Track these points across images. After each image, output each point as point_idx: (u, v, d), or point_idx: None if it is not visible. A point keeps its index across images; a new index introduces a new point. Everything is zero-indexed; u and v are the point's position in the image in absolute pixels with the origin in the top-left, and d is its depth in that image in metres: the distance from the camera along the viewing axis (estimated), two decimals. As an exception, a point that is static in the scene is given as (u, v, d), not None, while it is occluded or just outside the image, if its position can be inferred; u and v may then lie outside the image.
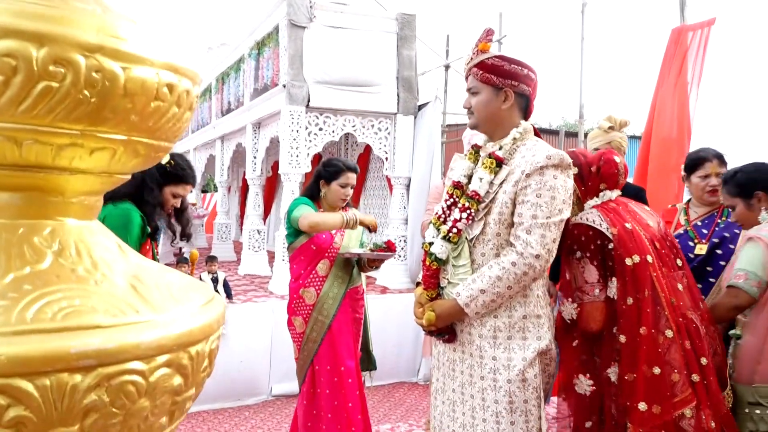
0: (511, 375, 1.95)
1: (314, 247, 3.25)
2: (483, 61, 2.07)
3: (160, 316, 0.75)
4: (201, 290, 0.88)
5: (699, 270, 2.88)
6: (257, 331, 5.04)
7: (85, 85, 0.69)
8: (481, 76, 2.07)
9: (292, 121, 5.77)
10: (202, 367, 0.81)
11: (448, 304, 2.03)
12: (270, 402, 4.98)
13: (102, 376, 0.68)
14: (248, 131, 7.13)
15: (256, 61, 6.79)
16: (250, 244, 7.09)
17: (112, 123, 0.73)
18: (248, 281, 6.51)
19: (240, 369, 4.91)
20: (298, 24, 5.80)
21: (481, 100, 2.08)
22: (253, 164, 7.12)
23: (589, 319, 2.16)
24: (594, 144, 3.79)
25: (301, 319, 3.26)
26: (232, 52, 8.05)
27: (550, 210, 1.93)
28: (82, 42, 0.68)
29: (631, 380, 2.07)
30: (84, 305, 0.70)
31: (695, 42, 4.46)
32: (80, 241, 0.79)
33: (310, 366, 3.26)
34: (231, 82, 7.93)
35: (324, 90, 5.86)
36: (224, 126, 8.36)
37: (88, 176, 0.78)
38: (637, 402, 2.04)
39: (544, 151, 1.98)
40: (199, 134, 10.17)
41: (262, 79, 6.56)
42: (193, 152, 10.95)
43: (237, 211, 12.16)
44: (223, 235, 9.17)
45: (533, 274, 1.93)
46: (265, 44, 6.49)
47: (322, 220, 3.12)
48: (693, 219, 3.01)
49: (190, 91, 0.82)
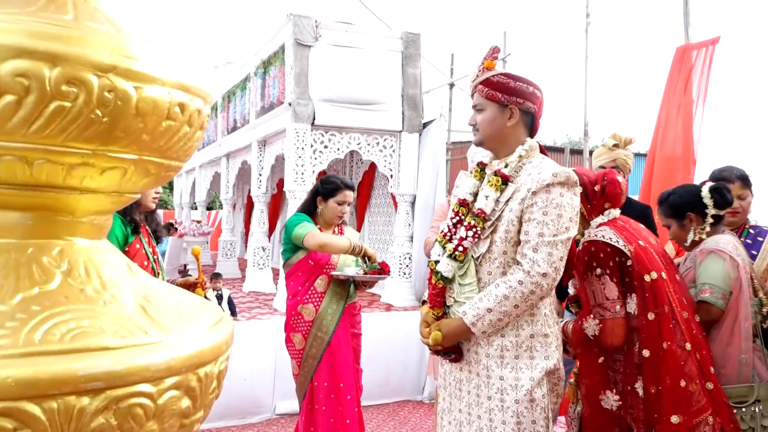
0: (518, 395, 1.92)
1: (312, 262, 3.23)
2: (488, 78, 2.07)
3: (169, 337, 0.74)
4: (210, 310, 0.87)
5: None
6: (261, 349, 5.00)
7: (97, 104, 0.69)
8: (486, 93, 2.06)
9: (297, 138, 5.79)
10: (211, 389, 0.80)
11: (454, 323, 2.01)
12: (274, 420, 4.93)
13: (110, 399, 0.67)
14: (254, 149, 7.15)
15: (262, 80, 6.83)
16: (254, 261, 7.07)
17: (123, 142, 0.73)
18: (253, 298, 6.48)
19: (244, 387, 4.87)
20: (304, 43, 5.84)
21: (486, 117, 2.08)
22: (258, 182, 7.13)
23: (611, 335, 2.17)
24: (599, 162, 3.78)
25: (300, 336, 3.23)
26: (238, 70, 8.11)
27: (557, 228, 1.91)
28: (95, 62, 0.68)
29: (657, 393, 2.09)
30: (92, 326, 0.69)
31: (700, 60, 4.47)
32: (89, 261, 0.78)
33: (310, 383, 3.23)
34: (237, 100, 7.97)
35: (329, 108, 5.88)
36: (230, 144, 8.39)
37: (99, 195, 0.78)
38: (667, 414, 2.07)
39: (550, 168, 1.97)
40: (205, 152, 10.21)
41: (268, 97, 6.60)
42: (198, 169, 10.99)
43: (242, 228, 12.17)
44: (227, 252, 9.16)
45: (540, 292, 1.91)
46: (271, 63, 6.53)
47: (330, 242, 3.11)
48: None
49: (202, 110, 0.82)
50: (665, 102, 4.69)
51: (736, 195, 2.83)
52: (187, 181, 12.47)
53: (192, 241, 9.07)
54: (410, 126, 6.17)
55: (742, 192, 2.83)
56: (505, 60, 8.15)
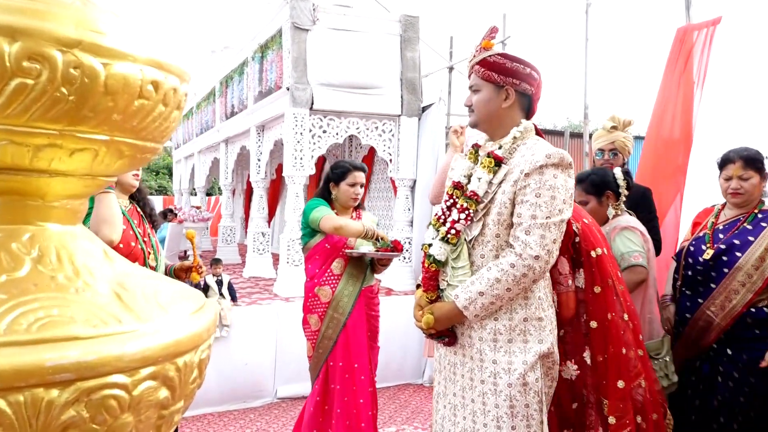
0: (511, 379, 1.89)
1: (328, 246, 3.31)
2: (485, 58, 2.02)
3: (144, 326, 0.71)
4: (191, 297, 0.83)
5: (705, 275, 2.84)
6: (262, 334, 5.00)
7: (62, 82, 0.65)
8: (482, 74, 2.02)
9: (296, 123, 5.74)
10: (191, 378, 0.76)
11: (447, 306, 1.99)
12: (275, 404, 4.94)
13: (81, 390, 0.63)
14: (252, 134, 7.10)
15: (259, 64, 6.76)
16: (254, 247, 7.05)
17: (92, 122, 0.69)
18: (253, 284, 6.47)
19: (245, 371, 4.88)
20: (302, 27, 5.77)
21: (482, 98, 2.04)
22: (257, 167, 7.09)
23: (566, 307, 2.23)
24: (597, 144, 3.74)
25: (316, 317, 3.30)
26: (235, 55, 8.02)
27: (549, 210, 1.87)
28: (59, 36, 0.64)
29: (603, 361, 2.20)
30: (62, 315, 0.66)
31: (700, 41, 4.39)
32: (62, 247, 0.74)
33: (325, 363, 3.30)
34: (235, 85, 7.90)
35: (328, 92, 5.83)
36: (228, 129, 8.33)
37: (70, 179, 0.74)
38: (613, 380, 2.17)
39: (543, 150, 1.93)
40: (203, 137, 10.15)
41: (265, 82, 6.53)
42: (197, 155, 10.93)
43: (241, 214, 12.14)
44: (227, 238, 9.14)
45: (533, 275, 1.88)
46: (268, 47, 6.45)
47: (345, 224, 3.20)
48: (719, 222, 2.93)
49: (178, 88, 0.78)
50: (664, 84, 4.62)
51: (737, 175, 2.80)
52: (186, 166, 12.42)
53: (191, 227, 9.04)
54: (409, 110, 6.11)
55: (744, 173, 2.79)
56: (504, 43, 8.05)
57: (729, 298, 2.72)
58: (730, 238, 2.80)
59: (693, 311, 2.84)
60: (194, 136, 11.11)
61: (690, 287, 2.92)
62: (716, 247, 2.81)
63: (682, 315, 2.92)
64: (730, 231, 2.83)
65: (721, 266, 2.77)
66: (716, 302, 2.75)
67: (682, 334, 2.90)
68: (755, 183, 2.79)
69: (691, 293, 2.90)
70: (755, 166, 2.80)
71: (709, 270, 2.81)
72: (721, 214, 2.96)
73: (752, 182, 2.78)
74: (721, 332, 2.74)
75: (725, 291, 2.74)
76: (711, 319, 2.76)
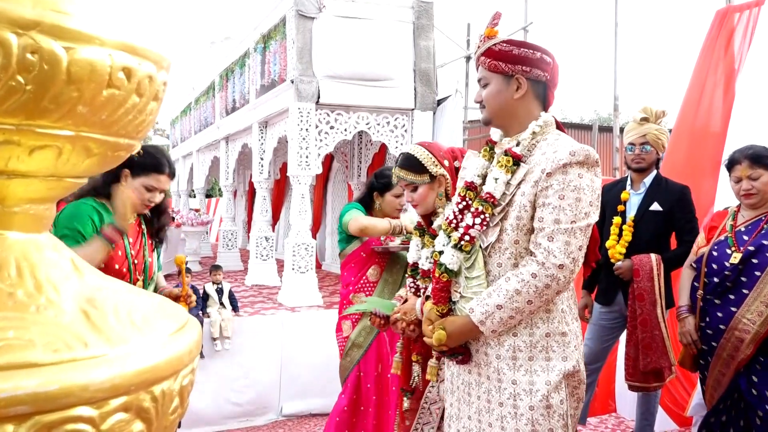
0: (533, 401, 1.83)
1: (364, 254, 3.43)
2: (490, 48, 1.96)
3: (115, 350, 0.66)
4: (171, 314, 0.79)
5: (735, 281, 2.81)
6: (266, 347, 4.97)
7: (18, 69, 0.60)
8: (489, 65, 1.96)
9: (301, 119, 5.71)
10: (171, 408, 0.72)
11: (460, 321, 1.92)
12: (281, 422, 4.91)
13: (40, 425, 0.59)
14: (254, 131, 7.08)
15: (262, 56, 6.74)
16: (257, 253, 7.03)
17: (54, 116, 0.65)
18: (256, 292, 6.45)
19: (247, 387, 4.86)
20: (307, 14, 5.74)
21: (492, 91, 1.98)
22: (260, 166, 7.07)
23: None
24: (628, 138, 3.66)
25: (349, 323, 3.44)
26: (236, 46, 8.02)
27: (574, 214, 1.81)
28: (14, 17, 0.60)
29: None
30: (19, 338, 0.61)
31: (742, 24, 4.30)
32: (23, 259, 0.70)
33: (353, 372, 3.41)
34: (236, 78, 7.90)
35: (335, 85, 5.79)
36: (229, 126, 8.33)
37: (31, 180, 0.70)
38: None
39: (567, 146, 1.86)
40: (203, 135, 10.17)
41: (268, 74, 6.51)
42: (196, 154, 10.96)
43: (244, 217, 12.15)
44: (228, 242, 9.13)
45: (557, 286, 1.81)
46: (271, 37, 6.44)
47: (371, 224, 3.30)
48: (739, 224, 2.93)
49: (154, 76, 0.73)
50: (699, 70, 4.53)
51: (745, 176, 2.86)
52: (184, 166, 12.45)
53: (190, 231, 9.04)
54: (423, 103, 6.07)
55: (752, 172, 2.85)
56: (526, 29, 7.97)
57: (766, 302, 2.70)
58: (757, 239, 2.80)
59: (727, 321, 2.80)
60: (192, 134, 11.13)
61: (717, 295, 2.88)
62: (744, 250, 2.80)
63: (715, 326, 2.86)
64: (755, 232, 2.83)
65: (752, 269, 2.76)
66: (752, 308, 2.73)
67: (715, 349, 2.84)
68: (765, 181, 2.83)
69: (720, 302, 2.87)
70: (763, 163, 2.84)
71: (739, 275, 2.80)
72: (739, 215, 2.98)
73: (763, 180, 2.84)
74: (759, 341, 2.70)
75: (760, 295, 2.72)
76: (748, 328, 2.71)
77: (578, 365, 1.90)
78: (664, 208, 3.49)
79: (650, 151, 3.56)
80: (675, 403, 4.15)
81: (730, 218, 2.99)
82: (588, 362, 3.67)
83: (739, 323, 2.74)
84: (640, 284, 3.33)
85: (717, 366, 2.83)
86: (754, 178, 2.84)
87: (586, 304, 3.81)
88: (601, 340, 3.73)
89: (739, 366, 2.76)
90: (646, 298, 3.31)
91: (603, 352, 3.79)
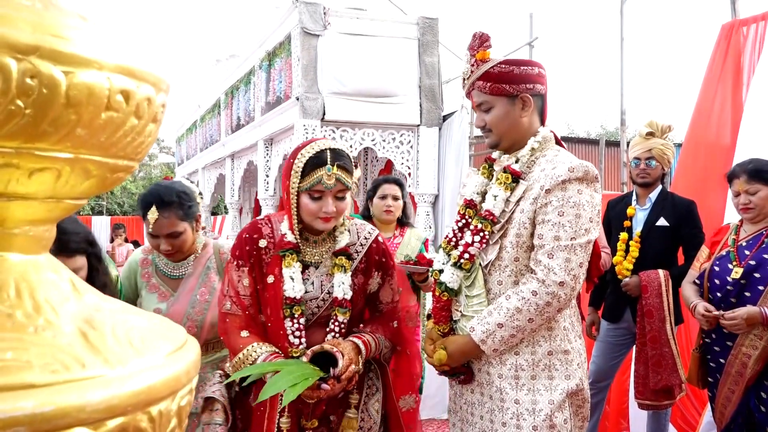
0: (537, 421, 1.82)
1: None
2: (487, 71, 1.97)
3: (113, 371, 0.67)
4: (170, 335, 0.79)
5: (737, 296, 2.79)
6: (270, 366, 4.95)
7: (17, 93, 0.62)
8: (490, 88, 1.97)
9: (306, 135, 5.74)
10: (168, 428, 0.72)
11: (461, 340, 1.93)
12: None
13: (37, 446, 0.60)
14: (260, 148, 7.12)
15: (267, 73, 6.80)
16: (263, 270, 7.02)
17: (53, 138, 0.66)
18: (261, 310, 6.43)
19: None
20: (312, 32, 5.79)
21: (498, 114, 1.98)
22: (265, 183, 7.10)
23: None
24: (633, 153, 3.67)
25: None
26: (241, 64, 8.09)
27: (574, 230, 1.81)
28: (13, 42, 0.61)
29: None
30: (17, 359, 0.62)
31: (750, 38, 4.31)
32: (22, 280, 0.71)
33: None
34: (241, 96, 7.96)
35: (340, 102, 5.83)
36: (234, 143, 8.37)
37: (31, 202, 0.71)
38: None
39: (566, 162, 1.87)
40: (208, 152, 10.22)
41: (273, 91, 6.56)
42: (201, 171, 11.01)
43: (250, 234, 12.12)
44: (235, 260, 9.13)
45: (558, 304, 1.82)
46: (276, 54, 6.49)
47: None
48: (741, 238, 2.94)
49: (153, 98, 0.74)
50: (707, 85, 4.54)
51: (743, 190, 2.87)
52: (191, 184, 12.49)
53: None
54: (429, 119, 6.09)
55: (750, 186, 2.86)
56: (532, 45, 8.02)
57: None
58: (758, 253, 2.81)
59: (733, 337, 2.78)
60: (198, 151, 11.19)
61: (721, 310, 2.86)
62: (745, 264, 2.80)
63: (721, 342, 2.85)
64: (756, 246, 2.84)
65: (755, 284, 2.76)
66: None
67: (723, 366, 2.83)
68: (763, 195, 2.84)
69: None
70: (761, 177, 2.85)
71: (742, 289, 2.79)
72: (741, 230, 2.98)
73: (760, 195, 2.85)
74: (767, 357, 2.68)
75: None
76: (755, 344, 2.70)
77: (582, 383, 1.89)
78: (671, 223, 3.49)
79: (655, 166, 3.57)
80: (686, 422, 4.11)
81: (732, 233, 3.00)
82: (596, 380, 3.65)
83: (746, 339, 2.73)
84: (648, 301, 3.32)
85: (726, 383, 2.81)
86: (752, 192, 2.85)
87: (593, 321, 3.80)
88: (609, 358, 3.71)
89: (748, 383, 2.74)
90: (655, 314, 3.29)
91: (611, 370, 3.77)
